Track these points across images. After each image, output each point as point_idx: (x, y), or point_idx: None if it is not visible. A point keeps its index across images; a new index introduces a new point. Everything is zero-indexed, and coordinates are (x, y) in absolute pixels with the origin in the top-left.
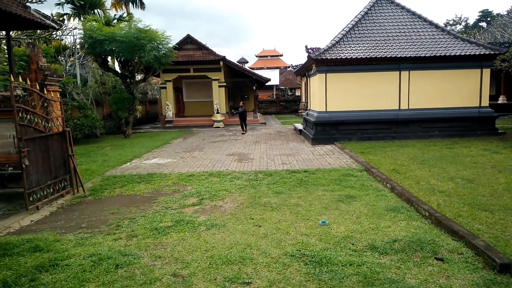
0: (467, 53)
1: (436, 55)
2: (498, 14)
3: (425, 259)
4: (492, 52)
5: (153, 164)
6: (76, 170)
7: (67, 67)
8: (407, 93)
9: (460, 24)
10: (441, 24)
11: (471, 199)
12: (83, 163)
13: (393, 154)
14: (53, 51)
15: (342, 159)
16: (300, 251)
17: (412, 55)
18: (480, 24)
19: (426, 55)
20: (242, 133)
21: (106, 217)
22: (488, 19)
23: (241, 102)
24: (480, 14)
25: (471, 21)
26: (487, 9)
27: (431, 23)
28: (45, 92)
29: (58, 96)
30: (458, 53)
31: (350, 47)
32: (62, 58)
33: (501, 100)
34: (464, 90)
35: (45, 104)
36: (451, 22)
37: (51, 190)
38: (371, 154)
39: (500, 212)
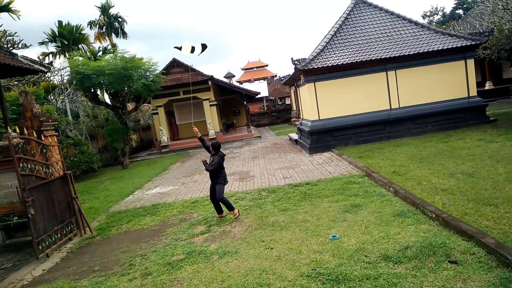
0: (449, 47)
1: (419, 51)
2: (474, 1)
3: (439, 264)
4: (474, 43)
5: (155, 194)
6: (81, 211)
7: (57, 105)
8: (396, 92)
9: (437, 14)
10: (419, 16)
11: (474, 195)
12: (86, 201)
13: (391, 155)
14: (43, 92)
15: (341, 166)
16: (315, 270)
17: (396, 55)
18: (457, 12)
19: (410, 53)
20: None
21: (118, 257)
22: (465, 6)
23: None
24: (456, 2)
25: (447, 10)
26: None
27: (410, 21)
28: (43, 138)
29: (56, 140)
30: (440, 48)
31: (335, 53)
32: (52, 97)
33: (488, 86)
34: (451, 83)
35: (44, 150)
36: (428, 13)
37: (59, 235)
38: (370, 158)
39: (505, 205)
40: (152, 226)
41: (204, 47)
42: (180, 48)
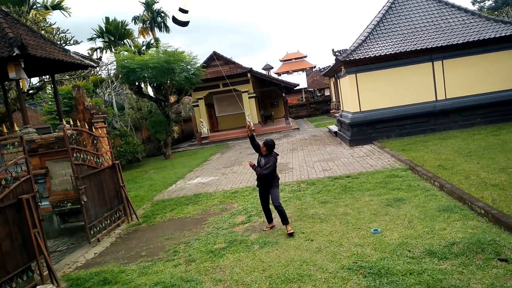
0: (502, 34)
1: (469, 40)
2: None
3: (488, 261)
4: None
5: (197, 184)
6: (128, 199)
7: (104, 98)
8: (442, 83)
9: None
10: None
11: None
12: (131, 189)
13: (436, 148)
14: (91, 86)
15: (383, 159)
16: (356, 263)
17: (443, 44)
18: None
19: (458, 42)
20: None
21: (163, 243)
22: None
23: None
24: None
25: None
26: None
27: (459, 8)
28: (93, 130)
29: (105, 132)
30: (492, 36)
31: (377, 44)
32: (100, 90)
33: None
34: (502, 72)
35: (95, 141)
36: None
37: (109, 222)
38: (413, 151)
39: None
40: (194, 214)
41: (186, 23)
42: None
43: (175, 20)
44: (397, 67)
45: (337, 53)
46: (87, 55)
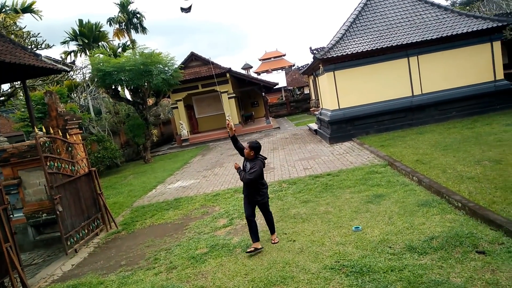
0: (474, 29)
1: (443, 36)
2: None
3: (466, 254)
4: (501, 24)
5: (177, 188)
6: (106, 207)
7: (80, 103)
8: (418, 78)
9: None
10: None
11: (502, 182)
12: (110, 196)
13: (414, 143)
14: (66, 90)
15: (363, 155)
16: (339, 262)
17: (418, 40)
18: None
19: (433, 38)
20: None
21: (143, 251)
22: None
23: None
24: None
25: None
26: None
27: (432, 4)
28: (68, 136)
29: (80, 138)
30: (465, 31)
31: (354, 41)
32: (75, 95)
33: None
34: (476, 66)
35: (69, 148)
36: None
37: (86, 231)
38: (392, 146)
39: None
40: (175, 220)
41: (190, 7)
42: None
43: (181, 9)
44: (374, 64)
45: (314, 51)
46: (60, 59)
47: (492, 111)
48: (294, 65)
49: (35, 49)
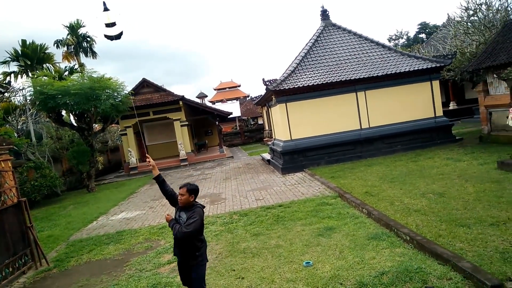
0: (416, 68)
1: (387, 73)
2: (435, 26)
3: None
4: (439, 65)
5: (121, 220)
6: (36, 242)
7: (18, 127)
8: (366, 112)
9: (402, 38)
10: (385, 39)
11: (447, 215)
12: (45, 228)
13: (363, 175)
14: (1, 113)
15: (314, 186)
16: None
17: (365, 76)
18: (420, 36)
19: (378, 75)
20: None
21: None
22: (427, 30)
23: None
24: (419, 26)
25: (411, 34)
26: (425, 21)
27: (378, 43)
28: None
29: (10, 165)
30: (407, 69)
31: (305, 74)
32: (13, 118)
33: (452, 106)
34: (418, 103)
35: None
36: (393, 37)
37: (11, 269)
38: (342, 178)
39: (477, 226)
40: (115, 255)
41: (120, 34)
42: (106, 8)
43: (107, 36)
44: (324, 97)
45: (267, 83)
46: None
47: (433, 145)
48: (248, 96)
49: None
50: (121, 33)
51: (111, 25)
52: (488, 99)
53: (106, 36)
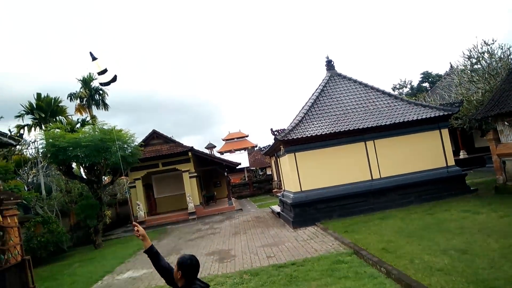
0: (424, 117)
1: (396, 122)
2: (437, 75)
3: None
4: (447, 113)
5: (127, 280)
6: None
7: (28, 180)
8: (376, 162)
9: (405, 87)
10: (389, 88)
11: (473, 275)
12: None
13: (378, 229)
14: (13, 166)
15: (327, 242)
16: None
17: (373, 125)
18: (423, 84)
19: (386, 123)
20: None
21: None
22: (430, 79)
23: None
24: (422, 76)
25: (415, 83)
26: (427, 71)
27: (383, 92)
28: (1, 218)
29: (16, 220)
30: (415, 118)
31: (313, 124)
32: (24, 171)
33: (462, 155)
34: (429, 152)
35: (1, 232)
36: (397, 86)
37: None
38: (356, 232)
39: (508, 287)
40: None
41: (114, 78)
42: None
43: (102, 83)
44: (333, 146)
45: (275, 133)
46: (9, 132)
47: (448, 196)
48: (256, 146)
49: None
50: (115, 76)
51: (102, 72)
52: (500, 148)
53: (101, 83)
